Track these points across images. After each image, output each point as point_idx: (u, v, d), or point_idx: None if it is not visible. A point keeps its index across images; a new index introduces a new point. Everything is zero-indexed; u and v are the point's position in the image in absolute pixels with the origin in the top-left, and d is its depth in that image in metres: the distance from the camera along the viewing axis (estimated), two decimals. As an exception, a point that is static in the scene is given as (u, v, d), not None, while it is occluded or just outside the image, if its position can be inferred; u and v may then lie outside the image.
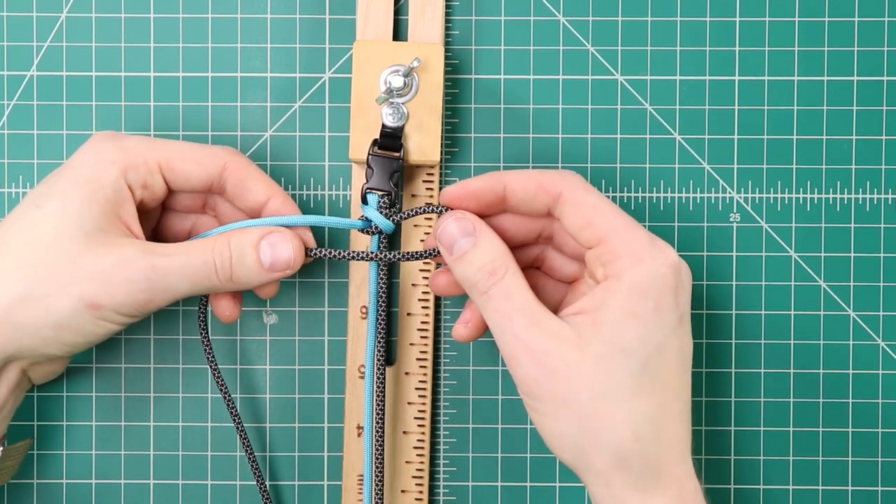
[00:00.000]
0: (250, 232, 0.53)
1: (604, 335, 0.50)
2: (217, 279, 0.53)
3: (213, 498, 0.60)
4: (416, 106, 0.57)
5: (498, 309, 0.51)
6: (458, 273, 0.53)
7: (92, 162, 0.52)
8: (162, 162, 0.53)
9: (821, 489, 0.60)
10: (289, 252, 0.53)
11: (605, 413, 0.50)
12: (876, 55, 0.60)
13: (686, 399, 0.52)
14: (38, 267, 0.51)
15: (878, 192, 0.60)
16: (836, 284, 0.60)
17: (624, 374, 0.50)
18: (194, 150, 0.54)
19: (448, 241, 0.53)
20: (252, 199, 0.54)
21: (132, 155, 0.53)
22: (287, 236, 0.53)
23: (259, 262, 0.53)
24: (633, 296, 0.50)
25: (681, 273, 0.52)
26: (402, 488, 0.59)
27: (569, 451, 0.51)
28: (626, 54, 0.60)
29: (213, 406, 0.60)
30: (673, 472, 0.51)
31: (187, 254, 0.52)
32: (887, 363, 0.60)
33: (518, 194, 0.53)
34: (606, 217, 0.52)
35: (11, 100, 0.60)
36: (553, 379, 0.50)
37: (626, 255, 0.51)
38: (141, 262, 0.51)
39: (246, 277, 0.53)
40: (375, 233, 0.56)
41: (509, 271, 0.52)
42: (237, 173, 0.54)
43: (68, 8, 0.60)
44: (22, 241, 0.51)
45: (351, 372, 0.59)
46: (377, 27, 0.58)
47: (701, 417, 0.60)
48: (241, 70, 0.60)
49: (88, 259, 0.51)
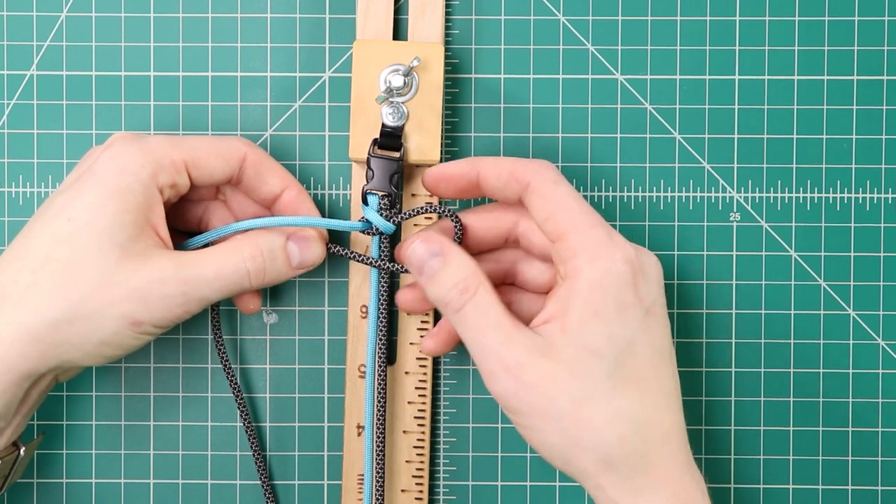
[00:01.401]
0: (276, 234, 0.54)
1: (572, 340, 0.50)
2: (249, 283, 0.53)
3: (213, 498, 0.60)
4: (416, 105, 0.57)
5: (472, 325, 0.52)
6: (431, 293, 0.53)
7: (118, 168, 0.52)
8: (188, 160, 0.53)
9: (821, 489, 0.60)
10: (316, 250, 0.55)
11: (585, 418, 0.50)
12: (876, 55, 0.60)
13: (671, 391, 0.52)
14: (80, 286, 0.51)
15: (878, 192, 0.60)
16: (836, 284, 0.60)
17: (598, 376, 0.50)
18: (216, 145, 0.54)
19: (417, 263, 0.54)
20: (267, 191, 0.55)
21: (159, 156, 0.53)
22: (310, 234, 0.55)
23: (288, 263, 0.54)
24: (593, 295, 0.51)
25: (640, 267, 0.52)
26: (402, 488, 0.59)
27: (558, 459, 0.51)
28: (626, 54, 0.60)
29: (213, 406, 0.60)
30: (666, 470, 0.51)
31: (219, 263, 0.53)
32: (887, 363, 0.60)
33: (490, 180, 0.54)
34: (569, 212, 0.52)
35: (11, 99, 0.60)
36: (531, 392, 0.51)
37: (583, 253, 0.51)
38: (175, 280, 0.51)
39: (275, 277, 0.54)
40: (376, 234, 0.56)
41: (481, 287, 0.52)
42: (254, 166, 0.55)
43: (68, 8, 0.60)
44: (59, 258, 0.51)
45: (351, 371, 0.59)
46: (377, 27, 0.58)
47: (701, 417, 0.60)
48: (241, 70, 0.60)
49: (124, 275, 0.51)
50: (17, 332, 0.51)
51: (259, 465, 0.59)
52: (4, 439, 0.53)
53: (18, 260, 0.52)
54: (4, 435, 0.53)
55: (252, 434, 0.59)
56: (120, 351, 0.52)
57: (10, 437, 0.53)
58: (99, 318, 0.51)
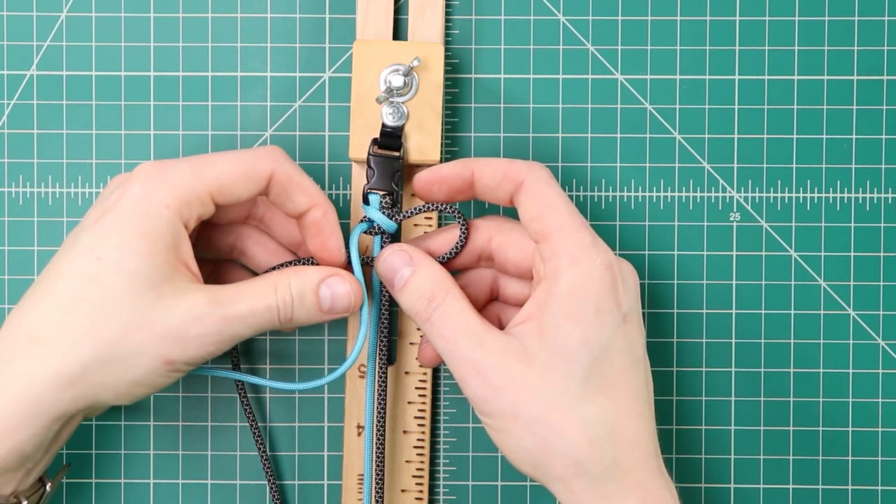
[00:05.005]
0: (311, 274, 0.53)
1: (548, 343, 0.50)
2: (278, 322, 0.52)
3: (212, 498, 0.60)
4: (416, 105, 0.57)
5: (442, 334, 0.52)
6: (402, 304, 0.53)
7: (143, 211, 0.50)
8: (213, 190, 0.52)
9: (821, 488, 0.60)
10: (348, 298, 0.53)
11: (556, 422, 0.50)
12: (876, 55, 0.60)
13: (644, 399, 0.52)
14: (112, 327, 0.50)
15: (878, 192, 0.60)
16: (836, 284, 0.60)
17: (570, 380, 0.50)
18: (241, 165, 0.52)
19: (389, 275, 0.54)
20: (293, 208, 0.53)
21: (183, 191, 0.51)
22: (346, 279, 0.53)
23: (318, 306, 0.53)
24: (571, 297, 0.51)
25: (619, 273, 0.52)
26: (402, 488, 0.59)
27: (528, 464, 0.51)
28: (626, 54, 0.60)
29: (213, 405, 0.60)
30: (636, 475, 0.51)
31: (252, 299, 0.51)
32: (887, 363, 0.60)
33: (485, 180, 0.54)
34: (558, 215, 0.52)
35: (11, 99, 0.60)
36: (501, 396, 0.51)
37: (566, 255, 0.51)
38: (211, 318, 0.50)
39: (304, 319, 0.53)
40: (378, 233, 0.56)
41: (449, 295, 0.52)
42: (281, 184, 0.53)
43: (68, 7, 0.60)
44: (90, 298, 0.50)
45: (351, 371, 0.59)
46: (377, 27, 0.58)
47: (701, 417, 0.60)
48: (241, 70, 0.60)
49: (158, 314, 0.50)
50: (49, 375, 0.50)
51: (265, 466, 0.59)
52: (32, 478, 0.53)
53: (46, 299, 0.50)
54: (32, 475, 0.53)
55: (258, 435, 0.59)
56: (151, 390, 0.51)
57: (37, 474, 0.53)
58: (132, 359, 0.50)
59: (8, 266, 0.60)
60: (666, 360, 0.60)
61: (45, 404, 0.50)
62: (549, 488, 0.52)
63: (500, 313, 0.57)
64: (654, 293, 0.60)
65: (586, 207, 0.60)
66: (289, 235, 0.56)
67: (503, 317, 0.57)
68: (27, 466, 0.52)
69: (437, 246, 0.56)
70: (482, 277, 0.56)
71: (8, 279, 0.60)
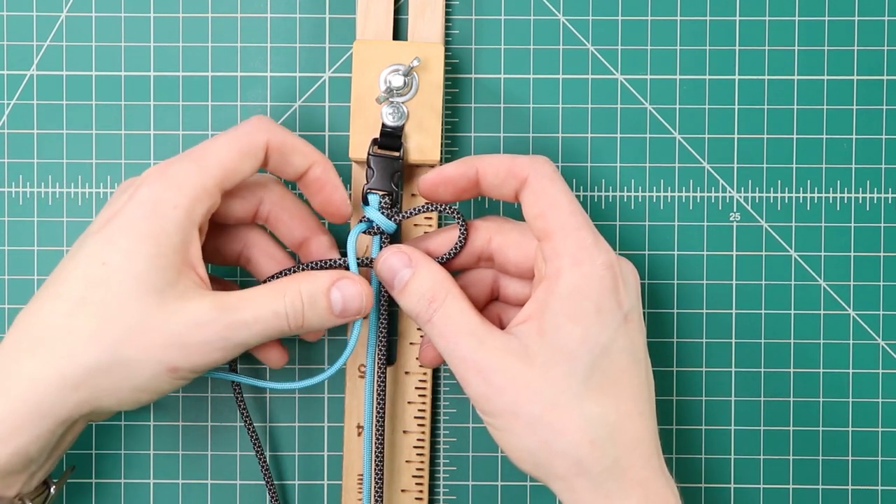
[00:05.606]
0: (321, 278, 0.52)
1: (548, 342, 0.51)
2: (288, 327, 0.52)
3: (212, 498, 0.60)
4: (416, 105, 0.57)
5: (442, 334, 0.52)
6: (403, 305, 0.53)
7: (149, 213, 0.50)
8: (219, 179, 0.52)
9: (821, 488, 0.60)
10: (360, 299, 0.53)
11: (557, 421, 0.50)
12: (876, 55, 0.60)
13: (646, 398, 0.52)
14: (116, 330, 0.50)
15: (878, 192, 0.60)
16: (836, 284, 0.60)
17: (572, 379, 0.50)
18: (237, 145, 0.52)
19: (388, 276, 0.54)
20: (292, 172, 0.54)
21: (190, 189, 0.51)
22: (356, 281, 0.53)
23: (330, 309, 0.52)
24: (572, 297, 0.51)
25: (620, 272, 0.52)
26: (402, 488, 0.59)
27: (529, 463, 0.51)
28: (626, 54, 0.60)
29: (213, 405, 0.60)
30: (637, 474, 0.51)
31: (257, 306, 0.51)
32: (887, 363, 0.60)
33: (489, 178, 0.53)
34: (560, 213, 0.52)
35: (11, 99, 0.60)
36: (502, 395, 0.51)
37: (567, 255, 0.51)
38: (216, 324, 0.50)
39: (317, 323, 0.52)
40: (377, 233, 0.56)
41: (449, 295, 0.52)
42: (277, 150, 0.53)
43: (68, 7, 0.60)
44: (94, 301, 0.50)
45: (351, 371, 0.59)
46: (377, 27, 0.58)
47: (701, 417, 0.60)
48: (241, 70, 0.60)
49: (162, 320, 0.50)
50: (52, 377, 0.50)
51: (263, 467, 0.59)
52: (35, 481, 0.53)
53: (51, 301, 0.51)
54: (36, 477, 0.53)
55: (254, 435, 0.59)
56: (154, 396, 0.51)
57: (41, 477, 0.53)
58: (136, 364, 0.50)
59: (8, 266, 0.60)
60: (666, 360, 0.60)
61: (50, 407, 0.50)
62: (551, 487, 0.52)
63: (501, 313, 0.57)
64: (654, 293, 0.60)
65: (586, 207, 0.60)
66: (293, 234, 0.56)
67: (504, 317, 0.57)
68: (31, 469, 0.52)
69: (437, 246, 0.56)
70: (482, 277, 0.56)
71: (8, 279, 0.60)
